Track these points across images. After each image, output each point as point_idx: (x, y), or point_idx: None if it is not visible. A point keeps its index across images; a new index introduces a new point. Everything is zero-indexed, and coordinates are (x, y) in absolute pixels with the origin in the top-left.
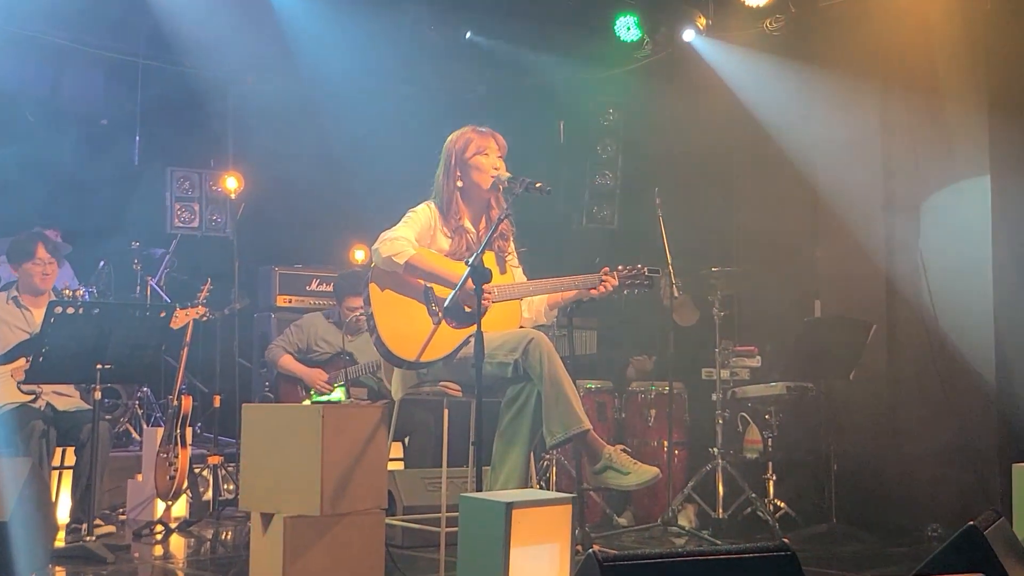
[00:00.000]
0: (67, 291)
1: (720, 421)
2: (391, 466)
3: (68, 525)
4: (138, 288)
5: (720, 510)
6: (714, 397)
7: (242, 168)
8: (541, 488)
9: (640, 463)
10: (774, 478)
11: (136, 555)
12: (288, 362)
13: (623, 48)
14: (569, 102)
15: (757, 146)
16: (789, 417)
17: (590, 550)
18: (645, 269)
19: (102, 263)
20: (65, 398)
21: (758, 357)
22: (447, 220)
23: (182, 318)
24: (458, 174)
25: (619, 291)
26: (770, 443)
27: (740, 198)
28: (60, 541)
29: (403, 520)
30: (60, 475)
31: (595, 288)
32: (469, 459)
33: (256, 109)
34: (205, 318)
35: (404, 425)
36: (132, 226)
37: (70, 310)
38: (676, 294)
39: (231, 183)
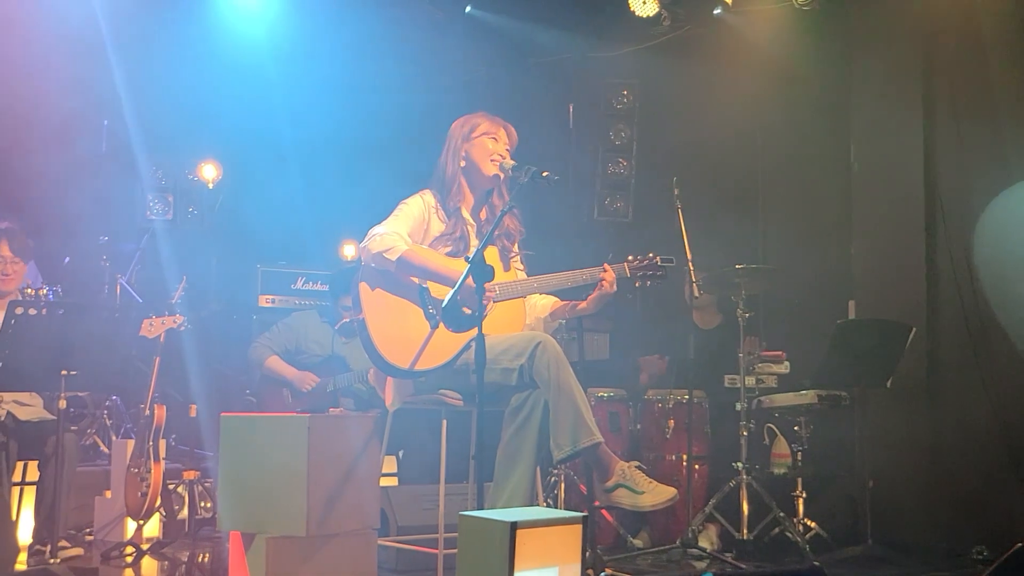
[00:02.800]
0: (29, 290)
1: (745, 433)
2: (384, 482)
3: (31, 546)
4: (106, 287)
5: (745, 530)
6: (738, 407)
7: (221, 155)
8: (548, 506)
9: (656, 482)
10: (804, 496)
11: None
12: (275, 363)
13: (638, 24)
14: (579, 83)
15: (786, 131)
16: (820, 429)
17: (602, 574)
18: (658, 259)
19: (67, 259)
20: (26, 407)
21: (786, 363)
22: (444, 203)
23: (157, 327)
24: (462, 153)
25: (631, 284)
26: (800, 457)
27: (767, 189)
28: (21, 564)
29: (397, 541)
30: (22, 491)
31: (602, 286)
32: (469, 474)
33: (235, 90)
34: (182, 327)
35: (398, 437)
36: (100, 219)
37: (32, 311)
38: (697, 293)
39: (209, 171)
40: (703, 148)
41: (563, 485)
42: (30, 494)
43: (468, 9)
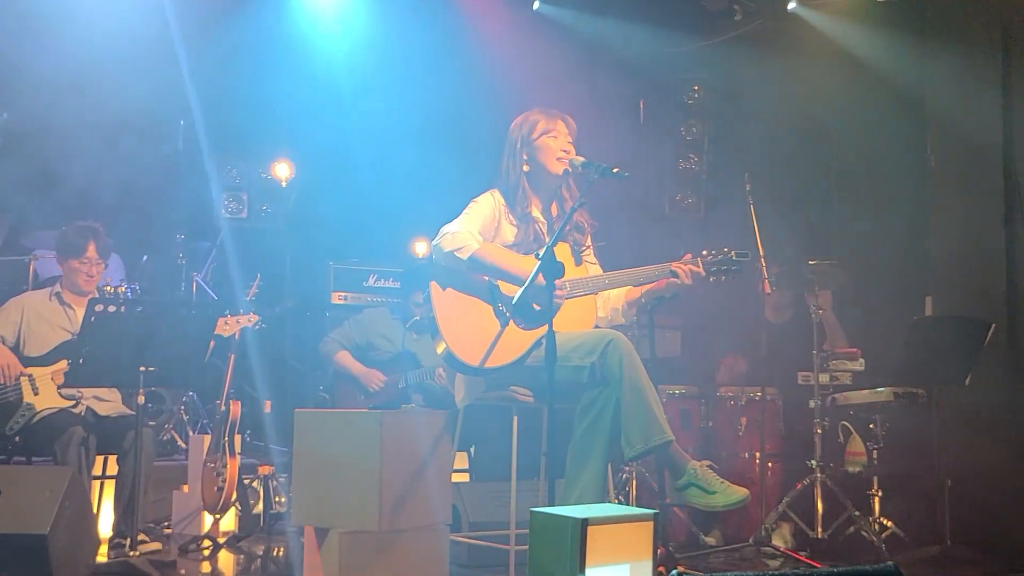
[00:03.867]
0: (108, 287)
1: (819, 431)
2: (455, 478)
3: (111, 539)
4: (183, 284)
5: (819, 529)
6: (812, 404)
7: (294, 154)
8: (619, 503)
9: (728, 483)
10: (880, 494)
11: (182, 572)
12: (344, 359)
13: (709, 18)
14: (650, 79)
15: (860, 125)
16: (897, 427)
17: (673, 571)
18: (733, 253)
19: (145, 257)
20: (106, 403)
21: (861, 360)
22: (513, 208)
23: (232, 326)
24: (524, 157)
25: (704, 279)
26: (875, 455)
27: (841, 183)
28: (102, 556)
29: (469, 537)
30: (102, 485)
31: (676, 278)
32: (540, 471)
33: (308, 89)
34: (257, 326)
35: (469, 434)
36: (176, 217)
37: (111, 308)
38: (768, 290)
39: (282, 170)
40: (776, 143)
41: (634, 482)
42: (109, 488)
43: (536, 6)
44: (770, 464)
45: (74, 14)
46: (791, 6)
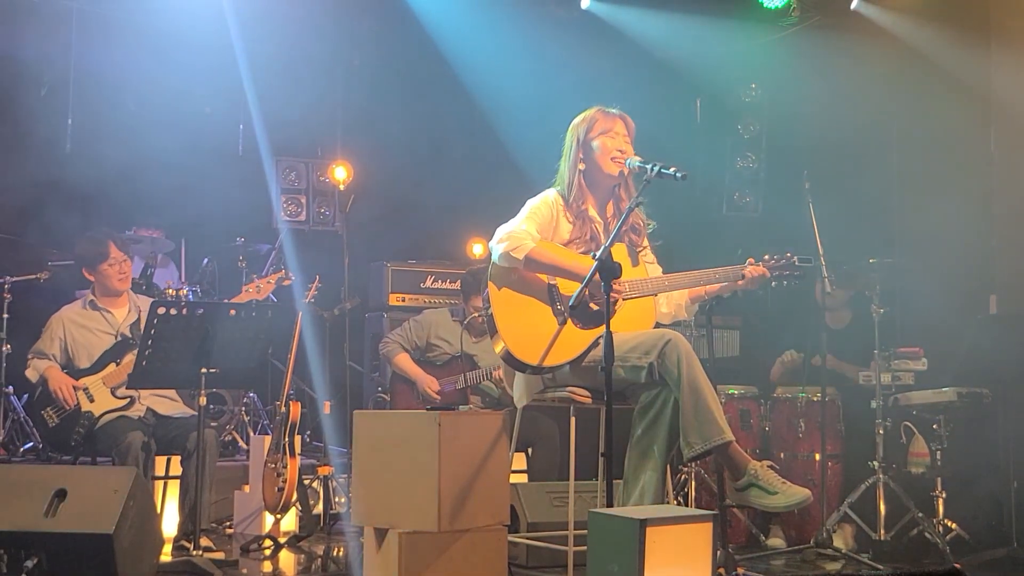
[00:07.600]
0: (170, 290)
1: (881, 431)
2: (514, 479)
3: (175, 539)
4: (243, 287)
5: (881, 531)
6: (873, 404)
7: (351, 157)
8: (678, 504)
9: (789, 483)
10: (944, 496)
11: (244, 571)
12: (404, 361)
13: (767, 15)
14: (706, 77)
15: (921, 122)
16: (961, 427)
17: (733, 573)
18: (795, 259)
19: (206, 260)
20: (167, 402)
21: (924, 359)
22: (569, 206)
23: (264, 288)
24: (580, 156)
25: (766, 284)
26: (939, 456)
27: (902, 181)
28: (166, 555)
29: (527, 537)
30: (165, 485)
31: (741, 280)
32: (599, 472)
33: (365, 92)
34: (287, 281)
35: (527, 435)
36: (236, 221)
37: (173, 311)
38: (829, 289)
39: (340, 173)
40: (835, 140)
41: (693, 483)
42: (172, 487)
43: (586, 4)
44: (830, 465)
45: (131, 19)
46: (854, 4)
